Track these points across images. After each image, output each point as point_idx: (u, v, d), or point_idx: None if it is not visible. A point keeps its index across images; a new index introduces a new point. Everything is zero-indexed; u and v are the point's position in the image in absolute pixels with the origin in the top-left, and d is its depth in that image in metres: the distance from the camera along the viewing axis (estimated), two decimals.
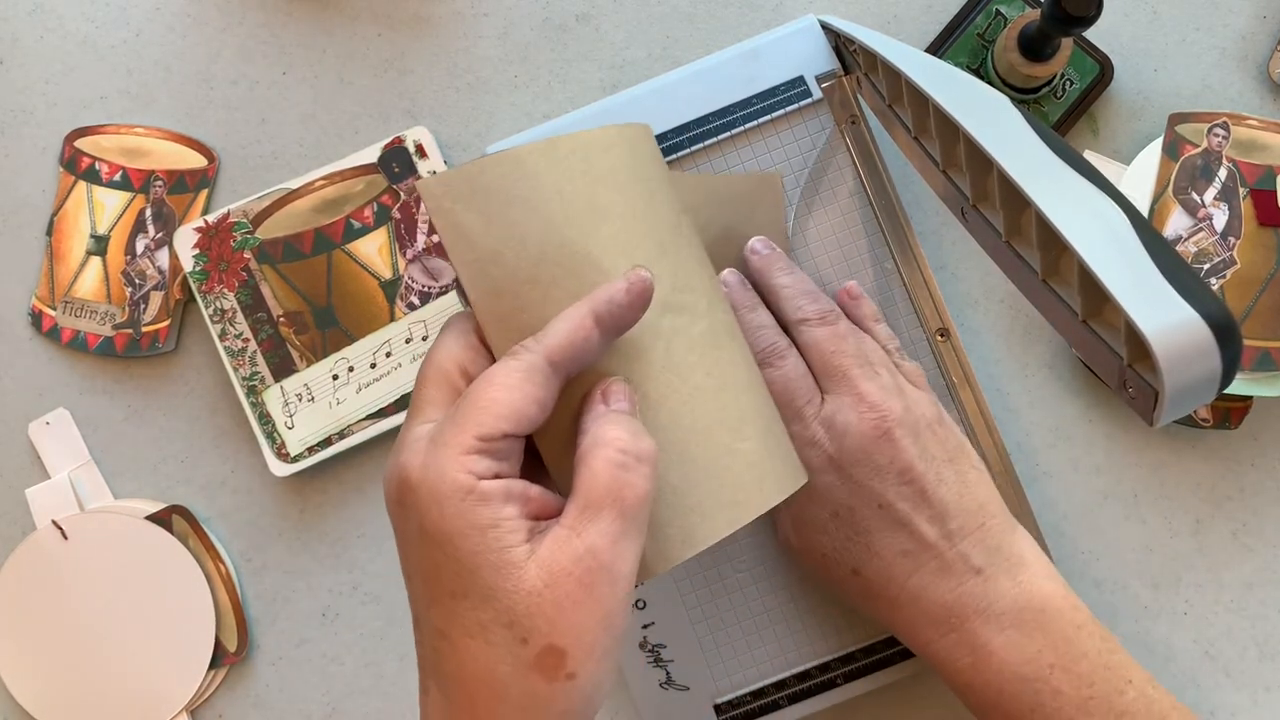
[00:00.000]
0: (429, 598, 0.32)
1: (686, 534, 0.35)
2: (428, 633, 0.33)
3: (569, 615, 0.31)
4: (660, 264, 0.37)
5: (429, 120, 0.56)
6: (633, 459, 0.32)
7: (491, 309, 0.35)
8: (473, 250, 0.34)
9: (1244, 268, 0.50)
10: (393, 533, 0.34)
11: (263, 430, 0.53)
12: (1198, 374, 0.33)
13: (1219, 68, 0.54)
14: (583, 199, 0.35)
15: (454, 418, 0.32)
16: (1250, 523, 0.53)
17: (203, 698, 0.54)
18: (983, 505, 0.44)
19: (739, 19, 0.56)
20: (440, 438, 0.32)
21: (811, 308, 0.46)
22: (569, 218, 0.35)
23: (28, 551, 0.54)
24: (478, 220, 0.34)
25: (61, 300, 0.56)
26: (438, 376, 0.34)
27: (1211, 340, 0.33)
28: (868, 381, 0.44)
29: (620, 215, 0.36)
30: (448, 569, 0.31)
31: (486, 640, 0.31)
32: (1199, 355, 0.33)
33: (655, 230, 0.37)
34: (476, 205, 0.34)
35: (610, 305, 0.34)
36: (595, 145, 0.36)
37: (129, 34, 0.57)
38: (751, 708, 0.49)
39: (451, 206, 0.34)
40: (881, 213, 0.50)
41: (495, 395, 0.32)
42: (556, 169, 0.35)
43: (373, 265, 0.54)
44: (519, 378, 0.32)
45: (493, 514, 0.31)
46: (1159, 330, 0.33)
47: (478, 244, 0.34)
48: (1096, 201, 0.37)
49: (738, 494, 0.37)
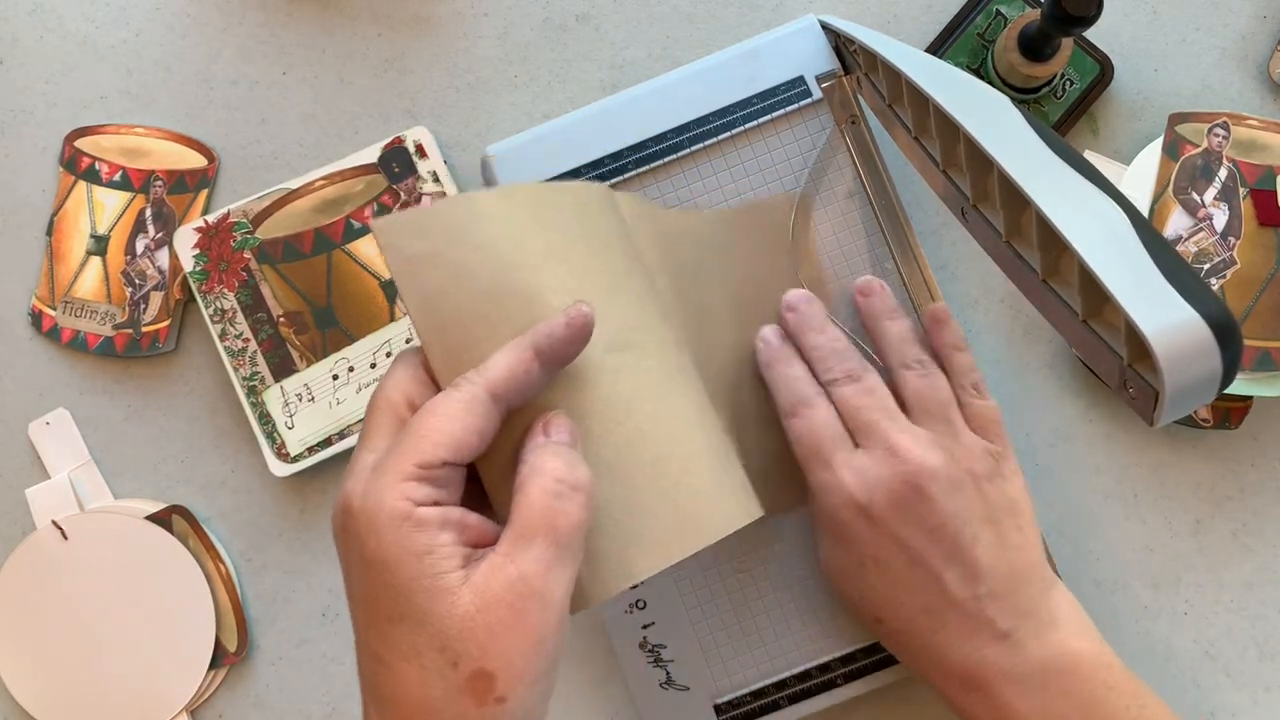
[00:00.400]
0: (367, 621, 0.33)
1: (626, 565, 0.36)
2: (366, 656, 0.33)
3: (500, 640, 0.31)
4: (608, 305, 0.38)
5: (429, 120, 0.56)
6: (568, 488, 0.33)
7: (439, 343, 0.36)
8: (423, 286, 0.35)
9: (1244, 268, 0.50)
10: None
11: (263, 430, 0.53)
12: (1198, 374, 0.33)
13: (1219, 68, 0.54)
14: (533, 242, 0.37)
15: (396, 447, 0.33)
16: (1250, 523, 0.53)
17: (203, 698, 0.54)
18: (1019, 569, 0.43)
19: (739, 19, 0.56)
20: (382, 466, 0.33)
21: (840, 367, 0.45)
22: (519, 260, 0.36)
23: (28, 551, 0.54)
24: (429, 258, 0.35)
25: (61, 300, 0.56)
26: (385, 406, 0.35)
27: (1212, 340, 0.33)
28: (900, 434, 0.43)
29: (568, 259, 0.38)
30: (385, 594, 0.32)
31: (420, 664, 0.32)
32: (1199, 355, 0.33)
33: (604, 275, 0.39)
34: (429, 244, 0.35)
35: (550, 339, 0.35)
36: (549, 194, 0.38)
37: (129, 34, 0.57)
38: (751, 708, 0.49)
39: (404, 244, 0.35)
40: (881, 213, 0.50)
41: (436, 425, 0.33)
42: (509, 213, 0.37)
43: (373, 265, 0.54)
44: (460, 408, 0.33)
45: (428, 540, 0.32)
46: (1159, 330, 0.33)
47: (428, 280, 0.35)
48: (1096, 201, 0.37)
49: (681, 527, 0.37)
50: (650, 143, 0.50)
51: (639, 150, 0.50)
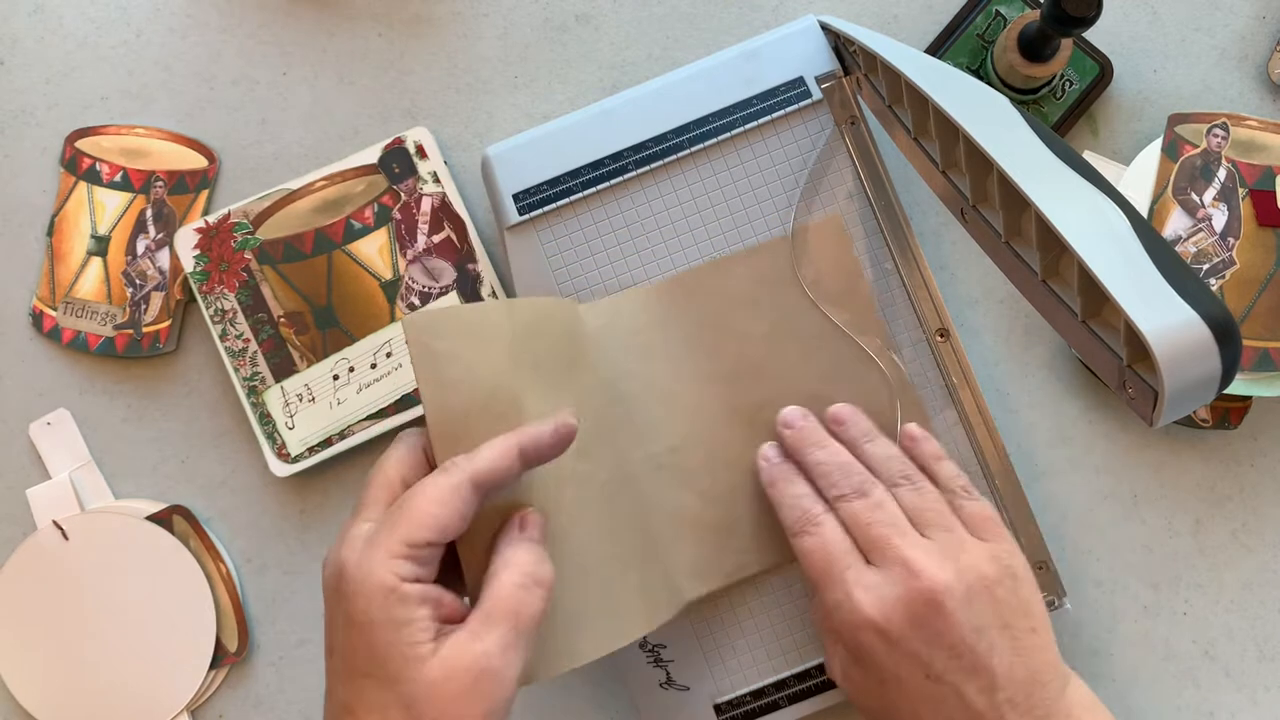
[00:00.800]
0: (342, 672, 0.38)
1: (572, 649, 0.41)
2: (335, 706, 0.38)
3: (458, 706, 0.36)
4: (582, 419, 0.43)
5: (429, 121, 0.56)
6: (533, 582, 0.38)
7: (443, 425, 0.40)
8: (439, 377, 0.41)
9: (1243, 268, 0.50)
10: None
11: (263, 430, 0.53)
12: (1197, 375, 0.33)
13: (1218, 68, 0.54)
14: (525, 355, 0.43)
15: (388, 522, 0.38)
16: (1250, 523, 0.53)
17: (203, 698, 0.54)
18: (1035, 673, 0.42)
19: (739, 19, 0.56)
20: (375, 539, 0.37)
21: (846, 483, 0.45)
22: (514, 369, 0.42)
23: (28, 552, 0.54)
24: (446, 354, 0.41)
25: (62, 301, 0.56)
26: (383, 480, 0.40)
27: (1211, 341, 0.33)
28: (913, 549, 0.43)
29: (551, 372, 0.44)
30: (363, 652, 0.37)
31: (384, 718, 0.36)
32: (1199, 356, 0.33)
33: (576, 392, 0.45)
34: (447, 343, 0.41)
35: (536, 441, 0.40)
36: (543, 308, 0.46)
37: (129, 35, 0.57)
38: (751, 708, 0.50)
39: (428, 340, 0.41)
40: (881, 213, 0.50)
41: (424, 508, 0.37)
42: (512, 324, 0.43)
43: (373, 266, 0.54)
44: (447, 494, 0.38)
45: (408, 614, 0.37)
46: (1159, 331, 0.33)
47: (443, 373, 0.41)
48: (1096, 202, 0.37)
49: (621, 621, 0.44)
50: (650, 143, 0.50)
51: (639, 151, 0.50)
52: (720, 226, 0.50)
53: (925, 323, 0.50)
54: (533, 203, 0.51)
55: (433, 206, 0.54)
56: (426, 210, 0.54)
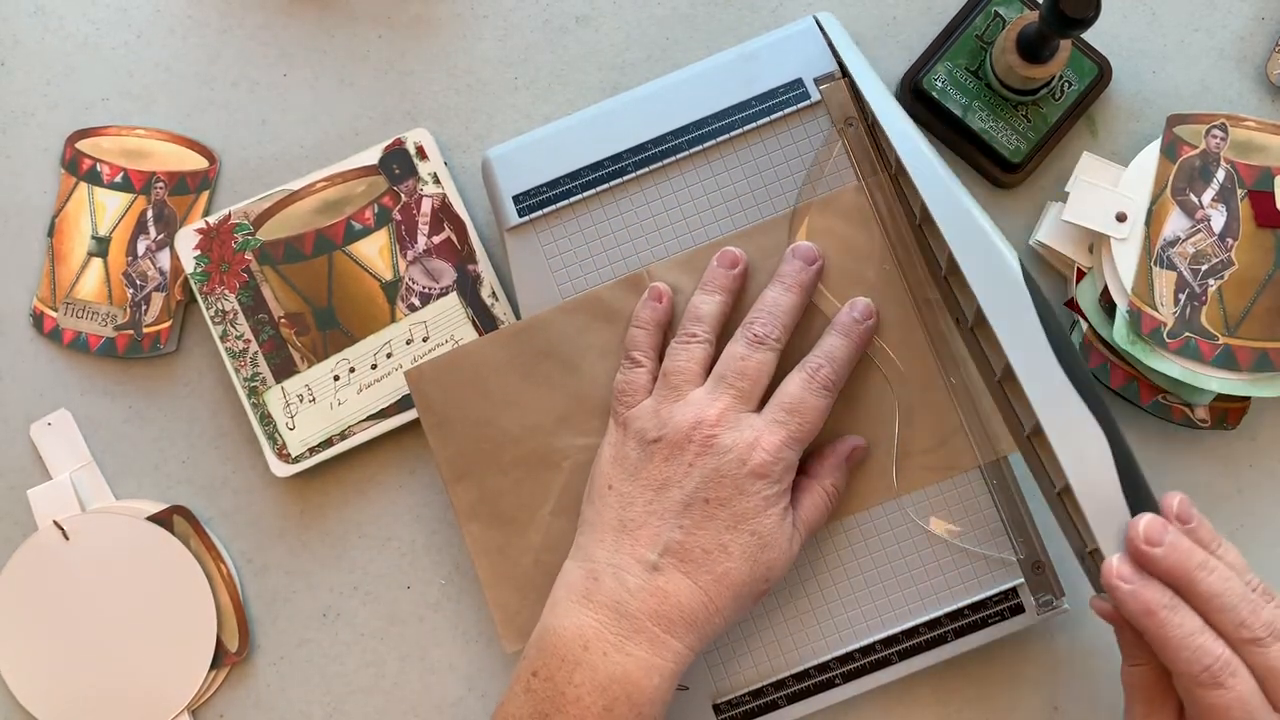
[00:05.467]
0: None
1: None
2: (713, 547, 0.44)
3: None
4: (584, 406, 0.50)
5: (429, 122, 0.56)
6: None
7: (450, 462, 0.50)
8: (438, 418, 0.50)
9: (1242, 269, 0.50)
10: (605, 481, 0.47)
11: (264, 431, 0.53)
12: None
13: (1217, 69, 0.54)
14: (518, 384, 0.50)
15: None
16: (1248, 523, 0.53)
17: (204, 698, 0.54)
18: None
19: (738, 21, 0.56)
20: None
21: (1255, 620, 0.39)
22: (505, 401, 0.50)
23: (29, 552, 0.54)
24: (440, 397, 0.50)
25: (63, 301, 0.56)
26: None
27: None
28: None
29: (551, 377, 0.50)
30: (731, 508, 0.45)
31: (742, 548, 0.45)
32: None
33: (578, 388, 0.50)
34: (441, 389, 0.50)
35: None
36: (524, 332, 0.50)
37: (130, 35, 0.57)
38: (751, 707, 0.50)
39: (427, 389, 0.50)
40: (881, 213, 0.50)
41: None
42: (500, 359, 0.50)
43: (373, 266, 0.54)
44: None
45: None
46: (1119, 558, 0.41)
47: (442, 414, 0.50)
48: (1088, 429, 0.42)
49: None
50: (650, 145, 0.51)
51: (639, 152, 0.51)
52: (720, 228, 0.50)
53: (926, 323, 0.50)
54: (533, 204, 0.51)
55: (433, 207, 0.54)
56: (427, 211, 0.54)
